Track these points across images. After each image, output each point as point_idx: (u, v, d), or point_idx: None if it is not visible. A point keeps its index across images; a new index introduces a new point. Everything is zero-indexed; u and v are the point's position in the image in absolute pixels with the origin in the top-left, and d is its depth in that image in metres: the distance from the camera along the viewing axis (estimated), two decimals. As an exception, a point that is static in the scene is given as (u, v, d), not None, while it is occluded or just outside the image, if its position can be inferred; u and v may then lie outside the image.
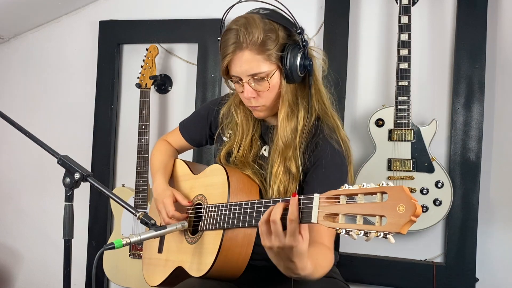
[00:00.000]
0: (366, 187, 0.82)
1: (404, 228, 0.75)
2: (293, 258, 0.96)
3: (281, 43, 1.22)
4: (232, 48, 1.22)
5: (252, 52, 1.21)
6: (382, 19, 2.16)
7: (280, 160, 1.28)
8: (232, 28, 1.23)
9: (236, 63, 1.23)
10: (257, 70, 1.22)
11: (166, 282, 1.43)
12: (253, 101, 1.28)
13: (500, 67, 2.02)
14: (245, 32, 1.20)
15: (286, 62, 1.22)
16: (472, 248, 1.95)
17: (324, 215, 0.89)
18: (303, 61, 1.24)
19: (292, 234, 0.94)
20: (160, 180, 1.49)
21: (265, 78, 1.23)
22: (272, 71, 1.23)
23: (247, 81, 1.24)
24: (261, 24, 1.21)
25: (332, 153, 1.27)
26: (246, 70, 1.23)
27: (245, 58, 1.21)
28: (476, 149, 1.96)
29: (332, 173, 1.25)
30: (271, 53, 1.21)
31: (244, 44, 1.20)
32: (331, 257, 1.17)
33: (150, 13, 2.43)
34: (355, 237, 0.81)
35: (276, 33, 1.22)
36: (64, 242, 1.22)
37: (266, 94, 1.26)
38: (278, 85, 1.26)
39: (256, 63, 1.21)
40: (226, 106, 1.46)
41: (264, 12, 1.24)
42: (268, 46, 1.21)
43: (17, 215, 2.70)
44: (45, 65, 2.63)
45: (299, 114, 1.30)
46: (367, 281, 2.09)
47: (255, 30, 1.20)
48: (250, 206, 1.15)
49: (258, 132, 1.41)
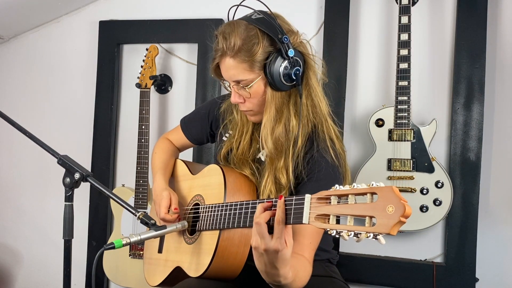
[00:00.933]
0: (357, 188, 0.82)
1: (393, 229, 0.74)
2: (277, 264, 0.96)
3: (265, 51, 1.20)
4: (218, 53, 1.23)
5: (234, 60, 1.21)
6: (382, 19, 2.16)
7: (269, 171, 1.26)
8: (218, 33, 1.25)
9: (222, 68, 1.26)
10: (238, 77, 1.23)
11: (166, 282, 1.43)
12: (241, 105, 1.30)
13: (500, 67, 2.02)
14: (228, 39, 1.20)
15: (267, 71, 1.21)
16: (472, 248, 1.95)
17: (315, 216, 0.89)
18: (287, 70, 1.21)
19: (279, 237, 0.94)
20: (160, 180, 1.49)
21: (248, 85, 1.23)
22: (254, 79, 1.22)
23: (233, 86, 1.26)
24: (245, 32, 1.20)
25: (326, 167, 1.24)
26: (230, 76, 1.24)
27: (227, 65, 1.23)
28: (476, 149, 1.96)
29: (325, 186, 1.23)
30: (253, 61, 1.20)
31: (227, 51, 1.21)
32: (309, 270, 1.16)
33: (150, 13, 2.44)
34: (346, 238, 0.81)
35: (259, 40, 1.20)
36: (64, 242, 1.22)
37: (251, 100, 1.27)
38: (261, 92, 1.25)
39: (237, 70, 1.22)
40: (227, 103, 1.46)
41: (255, 17, 1.23)
42: (250, 54, 1.20)
43: (17, 215, 2.70)
44: (45, 65, 2.63)
45: (290, 122, 1.27)
46: (367, 281, 2.09)
47: (237, 37, 1.20)
48: (246, 206, 1.15)
49: (258, 131, 1.40)
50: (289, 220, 0.95)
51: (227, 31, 1.22)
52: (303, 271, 1.11)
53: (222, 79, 1.31)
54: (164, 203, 1.37)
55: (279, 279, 0.99)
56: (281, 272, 0.97)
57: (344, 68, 2.10)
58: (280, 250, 0.94)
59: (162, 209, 1.36)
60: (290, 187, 1.25)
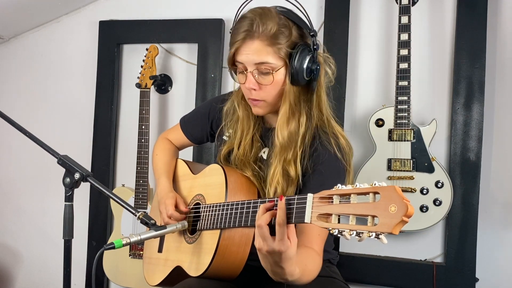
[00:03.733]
0: (359, 187, 0.81)
1: (396, 229, 0.74)
2: (281, 263, 0.96)
3: (292, 41, 1.21)
4: (243, 35, 1.20)
5: (262, 42, 1.19)
6: (382, 19, 2.16)
7: (278, 161, 1.26)
8: (247, 16, 1.22)
9: (244, 51, 1.21)
10: (264, 59, 1.20)
11: (166, 282, 1.43)
12: (254, 93, 1.26)
13: (500, 67, 2.02)
14: (260, 21, 1.19)
15: (294, 61, 1.20)
16: (472, 248, 1.95)
17: (317, 215, 0.88)
18: (310, 64, 1.22)
19: (281, 239, 0.94)
20: (165, 183, 1.49)
21: (271, 71, 1.22)
22: (279, 66, 1.22)
23: (251, 71, 1.23)
24: (277, 18, 1.21)
25: (330, 158, 1.25)
26: (253, 59, 1.21)
27: (254, 47, 1.20)
28: (476, 149, 1.96)
29: (329, 178, 1.24)
30: (281, 47, 1.20)
31: (256, 34, 1.19)
32: (319, 262, 1.16)
33: (150, 13, 2.44)
34: (348, 237, 0.81)
35: (290, 30, 1.21)
36: (64, 242, 1.22)
37: (268, 89, 1.25)
38: (281, 82, 1.24)
39: (264, 53, 1.20)
40: (230, 101, 1.44)
41: (280, 9, 1.23)
42: (280, 40, 1.20)
43: (17, 215, 2.70)
44: (45, 65, 2.63)
45: (300, 118, 1.28)
46: (367, 281, 2.09)
47: (270, 21, 1.19)
48: (247, 206, 1.15)
49: (258, 132, 1.40)
50: (290, 219, 0.95)
51: (260, 13, 1.21)
52: (311, 264, 1.12)
53: (234, 67, 1.27)
54: (171, 202, 1.38)
55: (285, 277, 0.99)
56: (287, 270, 0.98)
57: (344, 68, 2.10)
58: (283, 251, 0.94)
59: (169, 207, 1.36)
60: (299, 180, 1.26)
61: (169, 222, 1.35)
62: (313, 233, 1.17)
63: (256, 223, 0.97)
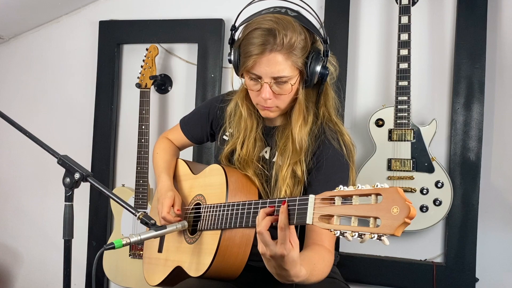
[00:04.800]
0: (361, 189, 0.81)
1: (398, 230, 0.74)
2: (285, 266, 0.96)
3: (307, 49, 1.21)
4: (261, 49, 1.16)
5: (282, 55, 1.17)
6: (382, 19, 2.16)
7: (289, 163, 1.27)
8: (263, 27, 1.17)
9: (262, 64, 1.18)
10: (282, 73, 1.19)
11: (166, 282, 1.43)
12: (269, 102, 1.25)
13: (500, 67, 2.02)
14: (278, 33, 1.15)
15: (309, 69, 1.21)
16: (472, 248, 1.95)
17: (319, 216, 0.88)
18: (322, 70, 1.23)
19: (283, 242, 0.94)
20: (165, 181, 1.49)
21: (288, 81, 1.21)
22: (295, 75, 1.22)
23: (268, 82, 1.21)
24: (294, 26, 1.18)
25: (334, 153, 1.26)
26: (272, 72, 1.19)
27: (274, 61, 1.17)
28: (476, 149, 1.96)
29: (334, 174, 1.25)
30: (298, 58, 1.19)
31: (275, 46, 1.16)
32: (330, 260, 1.16)
33: (150, 13, 2.43)
34: (350, 238, 0.81)
35: (306, 39, 1.20)
36: (64, 242, 1.22)
37: (283, 97, 1.24)
38: (296, 90, 1.25)
39: (283, 66, 1.18)
40: (234, 101, 1.42)
41: (293, 14, 1.21)
42: (297, 51, 1.18)
43: (17, 215, 2.70)
44: (45, 65, 2.63)
45: (309, 118, 1.30)
46: (367, 281, 2.09)
47: (289, 32, 1.16)
48: (248, 206, 1.15)
49: (261, 131, 1.40)
50: (292, 220, 0.95)
51: (279, 24, 1.16)
52: (321, 263, 1.12)
53: (249, 75, 1.23)
54: (168, 202, 1.37)
55: (291, 278, 0.99)
56: (291, 272, 0.98)
57: (344, 68, 2.10)
58: (285, 254, 0.94)
59: (164, 208, 1.36)
60: (305, 178, 1.27)
61: (165, 223, 1.35)
62: (323, 230, 1.17)
63: (257, 229, 0.98)
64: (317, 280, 1.08)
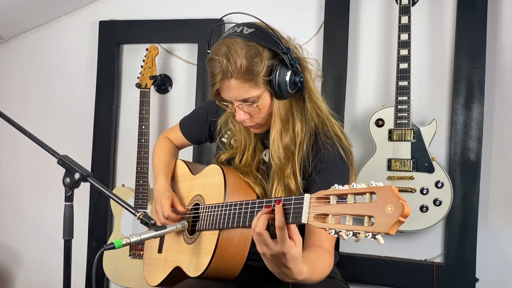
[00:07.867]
0: (356, 187, 0.81)
1: (392, 229, 0.74)
2: (288, 264, 0.96)
3: (267, 66, 1.18)
4: (219, 77, 1.19)
5: (238, 80, 1.18)
6: (382, 19, 2.16)
7: (277, 180, 1.26)
8: (215, 58, 1.20)
9: (225, 90, 1.22)
10: (245, 96, 1.20)
11: (165, 282, 1.43)
12: (247, 121, 1.27)
13: (500, 67, 2.02)
14: (227, 63, 1.16)
15: (275, 83, 1.19)
16: (472, 248, 1.95)
17: (314, 215, 0.89)
18: (293, 78, 1.20)
19: (282, 241, 0.94)
20: (163, 181, 1.50)
21: (256, 101, 1.21)
22: (262, 94, 1.21)
23: (237, 105, 1.23)
24: (244, 50, 1.17)
25: (333, 157, 1.25)
26: (235, 96, 1.21)
27: (232, 87, 1.19)
28: (476, 149, 1.96)
29: (334, 176, 1.24)
30: (258, 78, 1.18)
31: (229, 74, 1.17)
32: (330, 260, 1.16)
33: (150, 13, 2.44)
34: (345, 237, 0.81)
35: (261, 56, 1.18)
36: (64, 242, 1.22)
37: (258, 115, 1.25)
38: (269, 105, 1.24)
39: (243, 90, 1.19)
40: (223, 118, 1.43)
41: (247, 32, 1.20)
42: (254, 72, 1.17)
43: (17, 215, 2.70)
44: (45, 65, 2.63)
45: (295, 127, 1.27)
46: (367, 281, 2.09)
47: (238, 59, 1.16)
48: (245, 206, 1.15)
49: (260, 138, 1.39)
50: (288, 220, 0.95)
51: (226, 52, 1.18)
52: (321, 262, 1.12)
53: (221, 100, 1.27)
54: (167, 202, 1.38)
55: (294, 276, 0.99)
56: (294, 270, 0.98)
57: (344, 68, 2.10)
58: (287, 252, 0.94)
59: (166, 208, 1.37)
60: (300, 191, 1.25)
61: (165, 223, 1.35)
62: (323, 231, 1.17)
63: (255, 230, 0.97)
64: (317, 279, 1.09)
